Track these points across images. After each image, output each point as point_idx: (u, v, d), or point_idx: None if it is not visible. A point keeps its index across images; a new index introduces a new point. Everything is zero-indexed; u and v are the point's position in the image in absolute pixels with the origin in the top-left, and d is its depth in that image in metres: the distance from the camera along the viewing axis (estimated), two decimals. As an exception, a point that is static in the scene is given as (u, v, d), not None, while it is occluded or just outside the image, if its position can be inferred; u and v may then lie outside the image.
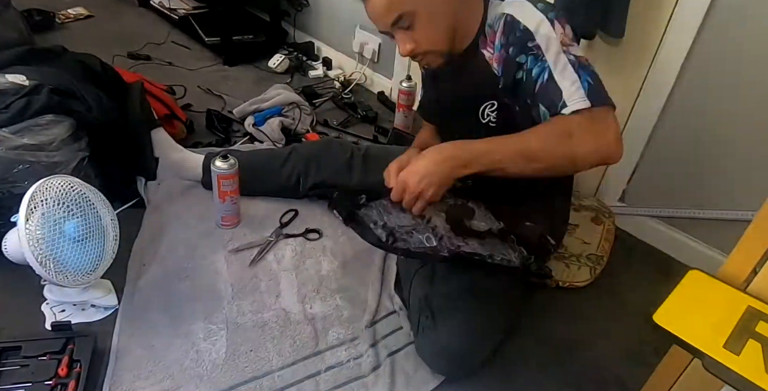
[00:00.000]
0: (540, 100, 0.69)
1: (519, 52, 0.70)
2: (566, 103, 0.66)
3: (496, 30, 0.73)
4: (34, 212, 0.78)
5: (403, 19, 0.72)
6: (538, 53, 0.68)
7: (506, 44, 0.72)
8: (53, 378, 0.74)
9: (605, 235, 1.11)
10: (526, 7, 0.71)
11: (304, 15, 1.80)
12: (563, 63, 0.67)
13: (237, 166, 1.00)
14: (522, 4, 0.71)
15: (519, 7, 0.72)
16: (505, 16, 0.72)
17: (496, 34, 0.73)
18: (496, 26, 0.74)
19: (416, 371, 0.83)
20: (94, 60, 1.15)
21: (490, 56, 0.76)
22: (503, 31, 0.72)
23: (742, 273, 0.59)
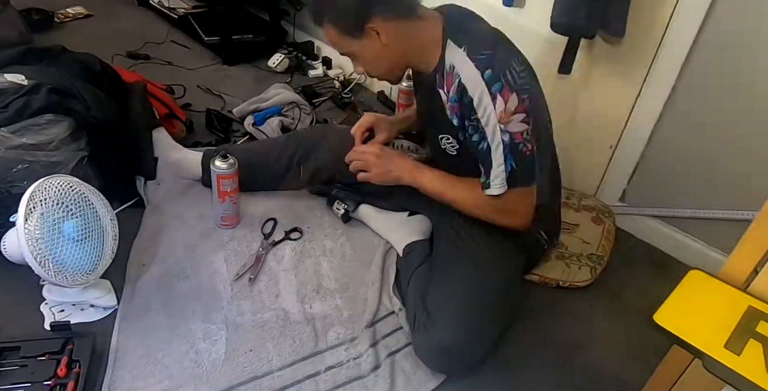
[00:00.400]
0: (480, 162, 0.80)
1: (466, 118, 0.78)
2: (490, 185, 0.79)
3: (453, 82, 0.78)
4: (33, 211, 0.77)
5: (348, 55, 0.84)
6: (479, 126, 0.77)
7: (458, 105, 0.78)
8: (52, 378, 0.74)
9: (605, 235, 1.11)
10: (473, 76, 0.75)
11: (304, 14, 1.79)
12: (497, 143, 0.76)
13: (236, 166, 0.99)
14: (470, 70, 0.75)
15: (468, 73, 0.75)
16: (459, 78, 0.76)
17: (451, 86, 0.78)
18: (454, 78, 0.77)
19: (416, 371, 0.83)
20: (93, 59, 1.15)
21: (445, 101, 0.81)
22: (456, 91, 0.77)
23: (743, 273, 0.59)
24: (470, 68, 0.74)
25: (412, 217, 1.07)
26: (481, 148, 0.77)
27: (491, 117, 0.74)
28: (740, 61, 0.91)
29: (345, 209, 1.09)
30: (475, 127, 0.77)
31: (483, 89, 0.74)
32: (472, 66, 0.74)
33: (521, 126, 0.75)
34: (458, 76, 0.76)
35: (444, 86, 0.80)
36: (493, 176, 0.78)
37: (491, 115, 0.74)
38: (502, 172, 0.77)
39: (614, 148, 1.14)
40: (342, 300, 0.94)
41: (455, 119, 0.81)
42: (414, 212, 1.07)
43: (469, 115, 0.77)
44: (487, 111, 0.74)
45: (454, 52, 0.77)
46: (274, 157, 1.10)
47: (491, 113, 0.74)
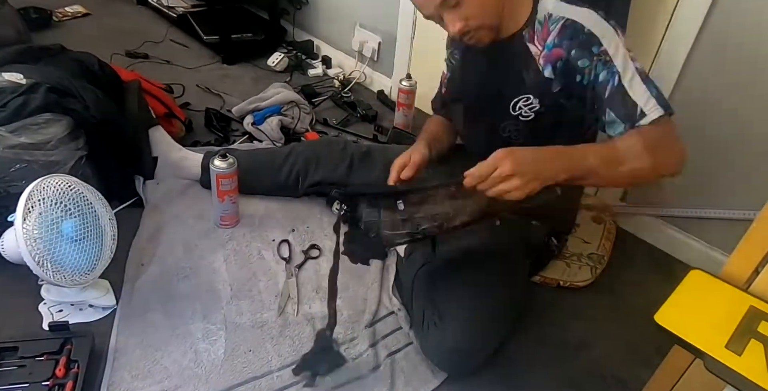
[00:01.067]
0: (610, 107, 0.70)
1: (581, 56, 0.71)
2: (644, 113, 0.68)
3: (550, 29, 0.74)
4: (32, 211, 0.77)
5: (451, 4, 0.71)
6: (606, 59, 0.69)
7: (564, 46, 0.72)
8: (51, 379, 0.74)
9: (606, 234, 1.10)
10: (585, 12, 0.71)
11: (303, 13, 1.79)
12: (631, 71, 0.69)
13: (236, 166, 0.99)
14: (579, 10, 0.72)
15: (578, 11, 0.72)
16: (564, 19, 0.72)
17: (548, 33, 0.74)
18: (551, 26, 0.73)
19: (416, 371, 0.83)
20: (91, 58, 1.15)
21: (537, 53, 0.76)
22: (560, 32, 0.73)
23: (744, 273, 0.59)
24: (578, 9, 0.72)
25: None
26: (611, 86, 0.69)
27: (620, 48, 0.69)
28: (742, 59, 0.91)
29: (345, 210, 1.08)
30: (602, 62, 0.69)
31: (606, 25, 0.69)
32: (585, 7, 0.72)
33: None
34: (563, 19, 0.72)
35: (536, 39, 0.75)
36: (643, 105, 0.68)
37: (620, 47, 0.69)
38: (650, 97, 0.68)
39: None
40: (341, 300, 0.93)
41: (547, 69, 0.74)
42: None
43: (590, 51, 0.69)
44: (616, 42, 0.69)
45: (551, 3, 0.74)
46: (274, 168, 1.10)
47: (619, 45, 0.68)
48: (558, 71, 0.75)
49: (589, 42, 0.70)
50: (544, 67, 0.76)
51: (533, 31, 0.76)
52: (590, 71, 0.72)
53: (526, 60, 0.77)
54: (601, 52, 0.70)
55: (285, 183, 1.10)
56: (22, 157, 0.94)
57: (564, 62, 0.73)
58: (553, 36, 0.74)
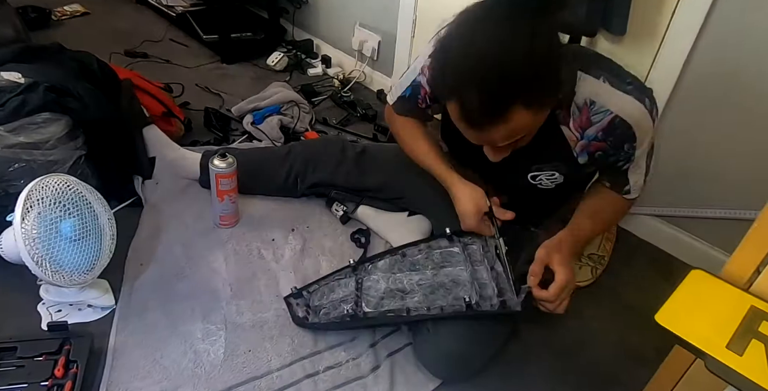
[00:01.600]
0: (607, 175, 0.81)
1: (616, 151, 0.74)
2: (630, 192, 0.80)
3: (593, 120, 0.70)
4: (30, 211, 0.77)
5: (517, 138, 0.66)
6: (632, 152, 0.74)
7: (605, 143, 0.73)
8: (49, 379, 0.74)
9: (606, 234, 1.10)
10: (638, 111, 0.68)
11: (303, 12, 1.78)
12: (644, 158, 0.76)
13: (235, 165, 0.99)
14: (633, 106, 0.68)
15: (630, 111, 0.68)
16: (611, 114, 0.69)
17: (590, 123, 0.71)
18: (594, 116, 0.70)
19: (416, 372, 0.83)
20: (90, 58, 1.14)
21: (573, 139, 0.74)
22: (607, 128, 0.70)
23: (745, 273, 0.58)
24: (632, 104, 0.68)
25: (411, 217, 1.06)
26: (622, 166, 0.76)
27: (646, 141, 0.72)
28: (743, 59, 0.91)
29: (344, 211, 1.08)
30: (626, 153, 0.73)
31: (649, 120, 0.69)
32: (633, 100, 0.67)
33: None
34: (611, 114, 0.68)
35: (572, 124, 0.72)
36: (633, 183, 0.78)
37: (646, 140, 0.72)
38: (640, 180, 0.78)
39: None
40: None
41: (583, 157, 0.75)
42: (413, 212, 1.06)
43: (619, 147, 0.72)
44: (647, 135, 0.71)
45: (593, 84, 0.68)
46: (273, 168, 1.09)
47: (647, 138, 0.72)
48: (593, 159, 0.76)
49: (629, 139, 0.72)
50: (580, 154, 0.75)
51: (568, 114, 0.71)
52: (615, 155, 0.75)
53: (557, 141, 0.74)
54: (630, 148, 0.73)
55: (284, 184, 1.10)
56: (20, 156, 0.94)
57: (602, 153, 0.75)
58: (598, 129, 0.71)
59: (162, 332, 0.84)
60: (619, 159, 0.75)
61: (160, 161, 1.14)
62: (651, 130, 0.72)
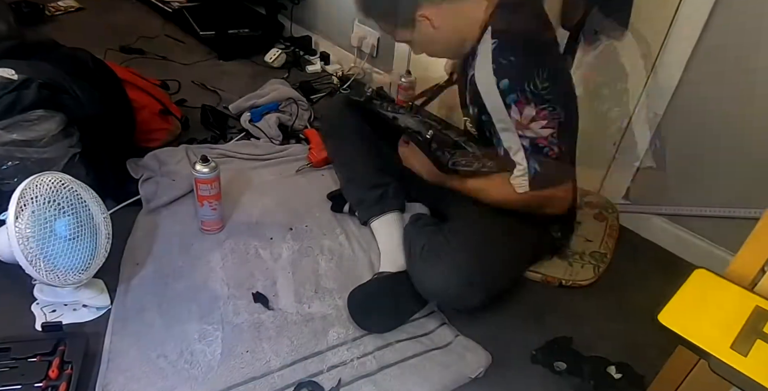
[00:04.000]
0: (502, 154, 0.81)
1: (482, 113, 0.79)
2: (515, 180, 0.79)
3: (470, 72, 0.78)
4: (24, 209, 0.76)
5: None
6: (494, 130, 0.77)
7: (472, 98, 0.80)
8: (44, 380, 0.73)
9: (609, 231, 1.09)
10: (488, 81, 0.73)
11: (301, 8, 1.77)
12: (516, 148, 0.77)
13: (218, 172, 0.96)
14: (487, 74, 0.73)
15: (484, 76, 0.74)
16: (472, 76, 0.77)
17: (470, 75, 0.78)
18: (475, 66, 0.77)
19: (429, 370, 0.82)
20: (85, 54, 1.13)
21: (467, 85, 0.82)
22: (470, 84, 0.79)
23: (750, 272, 0.58)
24: (488, 72, 0.73)
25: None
26: (501, 150, 0.78)
27: (504, 122, 0.75)
28: (746, 56, 0.90)
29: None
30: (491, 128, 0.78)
31: (497, 97, 0.73)
32: (490, 71, 0.73)
33: (544, 131, 0.74)
34: (473, 71, 0.76)
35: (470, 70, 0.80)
36: (516, 175, 0.78)
37: (504, 121, 0.75)
38: (525, 174, 0.77)
39: (618, 145, 1.13)
40: (341, 300, 0.92)
41: (470, 108, 0.83)
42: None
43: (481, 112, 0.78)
44: (500, 116, 0.74)
45: (486, 41, 0.75)
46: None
47: (504, 119, 0.74)
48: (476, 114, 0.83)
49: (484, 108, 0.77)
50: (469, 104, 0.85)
51: (473, 60, 0.79)
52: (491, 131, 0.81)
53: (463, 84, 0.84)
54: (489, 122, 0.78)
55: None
56: (14, 154, 0.92)
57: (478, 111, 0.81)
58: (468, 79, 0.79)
59: (158, 333, 0.83)
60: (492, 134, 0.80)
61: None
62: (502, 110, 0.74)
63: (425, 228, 0.93)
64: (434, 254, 0.82)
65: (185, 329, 0.84)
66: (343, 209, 1.10)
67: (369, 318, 0.86)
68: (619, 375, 0.83)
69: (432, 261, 0.82)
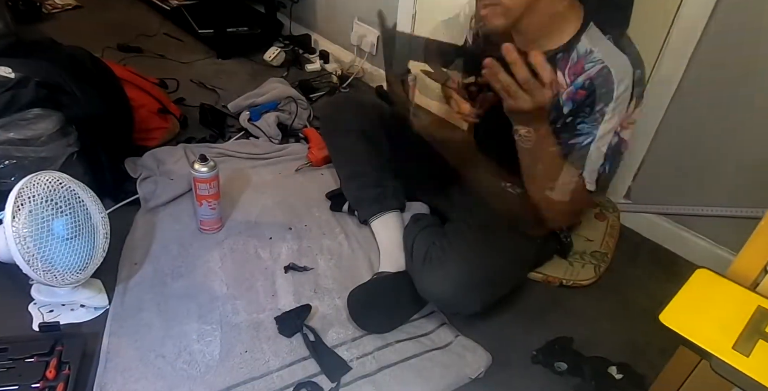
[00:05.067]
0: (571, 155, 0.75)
1: (587, 107, 0.73)
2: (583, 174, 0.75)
3: (585, 67, 0.73)
4: (21, 209, 0.75)
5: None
6: (598, 120, 0.72)
7: (586, 92, 0.73)
8: (41, 380, 0.72)
9: (609, 232, 1.09)
10: (626, 70, 0.70)
11: (300, 6, 1.76)
12: (605, 142, 0.73)
13: (217, 171, 0.96)
14: (624, 64, 0.70)
15: (621, 64, 0.70)
16: (603, 65, 0.71)
17: (583, 70, 0.73)
18: (588, 64, 0.72)
19: (429, 370, 0.82)
20: (83, 53, 1.12)
21: (563, 86, 0.75)
22: (595, 76, 0.72)
23: (752, 272, 0.58)
24: (624, 62, 0.70)
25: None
26: (581, 141, 0.74)
27: (616, 117, 0.71)
28: (749, 54, 0.89)
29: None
30: (591, 119, 0.73)
31: (629, 87, 0.70)
32: (627, 61, 0.70)
33: (629, 135, 0.73)
34: (602, 64, 0.71)
35: (567, 69, 0.74)
36: (587, 174, 0.75)
37: (617, 115, 0.71)
38: (594, 171, 0.75)
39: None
40: (341, 300, 0.92)
41: (567, 106, 0.75)
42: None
43: (592, 106, 0.72)
44: (618, 109, 0.71)
45: (598, 38, 0.72)
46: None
47: (620, 113, 0.71)
48: (574, 108, 0.75)
49: (604, 99, 0.71)
50: (566, 103, 0.75)
51: (567, 59, 0.74)
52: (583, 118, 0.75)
53: None
54: (599, 112, 0.72)
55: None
56: (11, 153, 0.92)
57: (579, 104, 0.74)
58: (586, 77, 0.72)
59: (156, 333, 0.83)
60: (586, 124, 0.74)
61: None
62: (626, 101, 0.71)
63: (426, 230, 0.92)
64: (436, 259, 0.82)
65: (184, 329, 0.84)
66: (342, 209, 1.10)
67: (369, 318, 0.85)
68: (620, 376, 0.82)
69: (433, 267, 0.81)
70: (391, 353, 0.84)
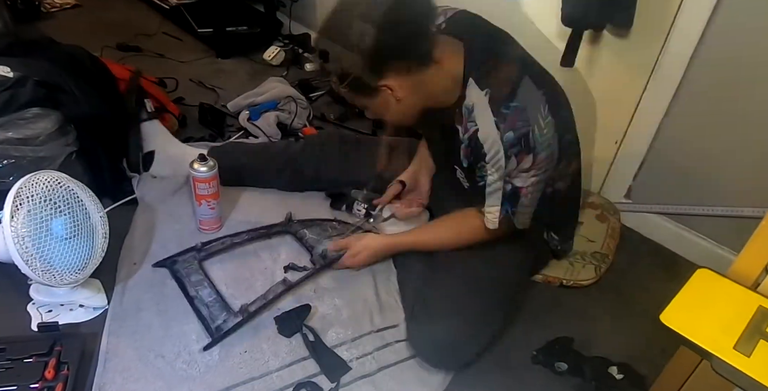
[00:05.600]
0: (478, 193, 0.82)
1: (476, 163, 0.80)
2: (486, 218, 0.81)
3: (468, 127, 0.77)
4: (20, 208, 0.75)
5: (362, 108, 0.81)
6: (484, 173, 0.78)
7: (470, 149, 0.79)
8: (39, 381, 0.72)
9: (610, 232, 1.09)
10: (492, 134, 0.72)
11: (300, 5, 1.75)
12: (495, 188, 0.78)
13: (216, 170, 0.95)
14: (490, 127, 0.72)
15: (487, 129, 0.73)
16: (477, 130, 0.75)
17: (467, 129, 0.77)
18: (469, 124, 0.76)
19: (428, 371, 0.81)
20: (81, 52, 1.12)
21: (460, 142, 0.80)
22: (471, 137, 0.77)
23: (753, 272, 0.58)
24: (490, 125, 0.72)
25: None
26: (483, 184, 0.79)
27: (499, 171, 0.75)
28: (751, 53, 0.89)
29: (365, 209, 1.07)
30: (482, 172, 0.78)
31: (499, 150, 0.72)
32: (492, 123, 0.71)
33: (528, 181, 0.75)
34: (475, 126, 0.74)
35: (462, 125, 0.78)
36: (488, 212, 0.80)
37: (500, 170, 0.74)
38: (497, 212, 0.79)
39: (620, 144, 1.12)
40: (340, 300, 0.91)
41: (465, 161, 0.81)
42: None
43: (477, 162, 0.78)
44: (497, 165, 0.74)
45: (476, 94, 0.73)
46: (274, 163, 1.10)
47: (500, 168, 0.74)
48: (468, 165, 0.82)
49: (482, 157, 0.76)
50: (464, 158, 0.81)
51: (461, 115, 0.77)
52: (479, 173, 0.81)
53: (455, 140, 0.80)
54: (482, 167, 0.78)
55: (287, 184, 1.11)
56: (9, 152, 0.92)
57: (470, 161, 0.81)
58: (467, 135, 0.77)
59: (156, 333, 0.83)
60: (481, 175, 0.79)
61: (160, 156, 1.12)
62: (501, 160, 0.73)
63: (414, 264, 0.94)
64: (421, 316, 0.82)
65: (183, 329, 0.84)
66: (342, 208, 1.10)
67: None
68: (621, 376, 0.82)
69: (420, 326, 0.82)
70: (391, 353, 0.84)
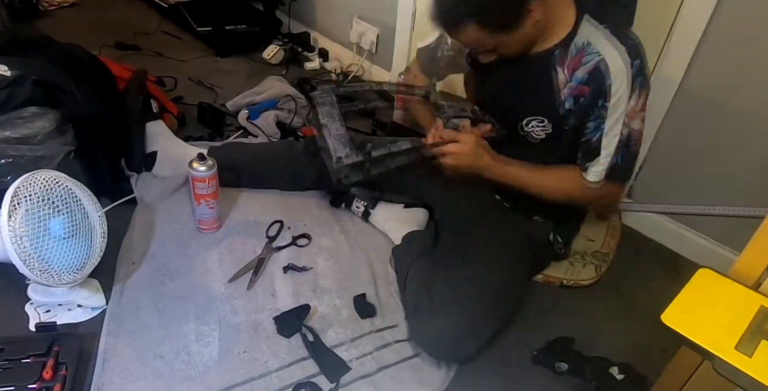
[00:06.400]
0: (580, 147, 0.79)
1: (592, 104, 0.75)
2: (589, 169, 0.78)
3: (583, 61, 0.73)
4: (18, 208, 0.74)
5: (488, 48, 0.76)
6: (603, 115, 0.74)
7: (588, 87, 0.74)
8: (37, 381, 0.72)
9: (611, 231, 1.09)
10: (621, 63, 0.70)
11: (299, 4, 1.75)
12: (614, 135, 0.75)
13: (215, 169, 0.95)
14: (620, 56, 0.70)
15: (616, 57, 0.71)
16: (599, 57, 0.72)
17: (580, 64, 0.73)
18: (586, 57, 0.73)
19: (429, 370, 0.81)
20: (80, 50, 1.11)
21: (564, 82, 0.76)
22: (592, 72, 0.73)
23: (755, 272, 0.57)
24: (619, 54, 0.70)
25: (408, 209, 1.06)
26: (592, 136, 0.76)
27: (620, 109, 0.72)
28: (752, 53, 0.89)
29: (364, 207, 1.07)
30: (598, 116, 0.74)
31: (626, 80, 0.70)
32: (623, 51, 0.70)
33: (640, 124, 0.74)
34: (599, 56, 0.71)
35: (566, 65, 0.75)
36: (596, 165, 0.77)
37: (621, 108, 0.72)
38: (607, 163, 0.77)
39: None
40: (340, 300, 0.91)
41: (569, 101, 0.76)
42: (410, 205, 1.06)
43: (595, 101, 0.73)
44: (621, 102, 0.72)
45: (594, 30, 0.72)
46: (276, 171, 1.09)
47: (623, 105, 0.72)
48: (576, 107, 0.77)
49: (603, 93, 0.73)
50: (567, 99, 0.76)
51: (565, 55, 0.75)
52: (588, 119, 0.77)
53: (550, 85, 0.77)
54: (602, 108, 0.74)
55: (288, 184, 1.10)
56: (7, 152, 0.91)
57: (584, 100, 0.75)
58: (585, 71, 0.73)
59: (154, 333, 0.82)
60: (593, 119, 0.75)
61: (162, 156, 1.12)
62: (626, 94, 0.72)
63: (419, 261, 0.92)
64: (426, 310, 0.81)
65: (182, 329, 0.83)
66: (341, 205, 1.09)
67: None
68: (622, 376, 0.82)
69: (424, 319, 0.81)
70: (391, 353, 0.83)
